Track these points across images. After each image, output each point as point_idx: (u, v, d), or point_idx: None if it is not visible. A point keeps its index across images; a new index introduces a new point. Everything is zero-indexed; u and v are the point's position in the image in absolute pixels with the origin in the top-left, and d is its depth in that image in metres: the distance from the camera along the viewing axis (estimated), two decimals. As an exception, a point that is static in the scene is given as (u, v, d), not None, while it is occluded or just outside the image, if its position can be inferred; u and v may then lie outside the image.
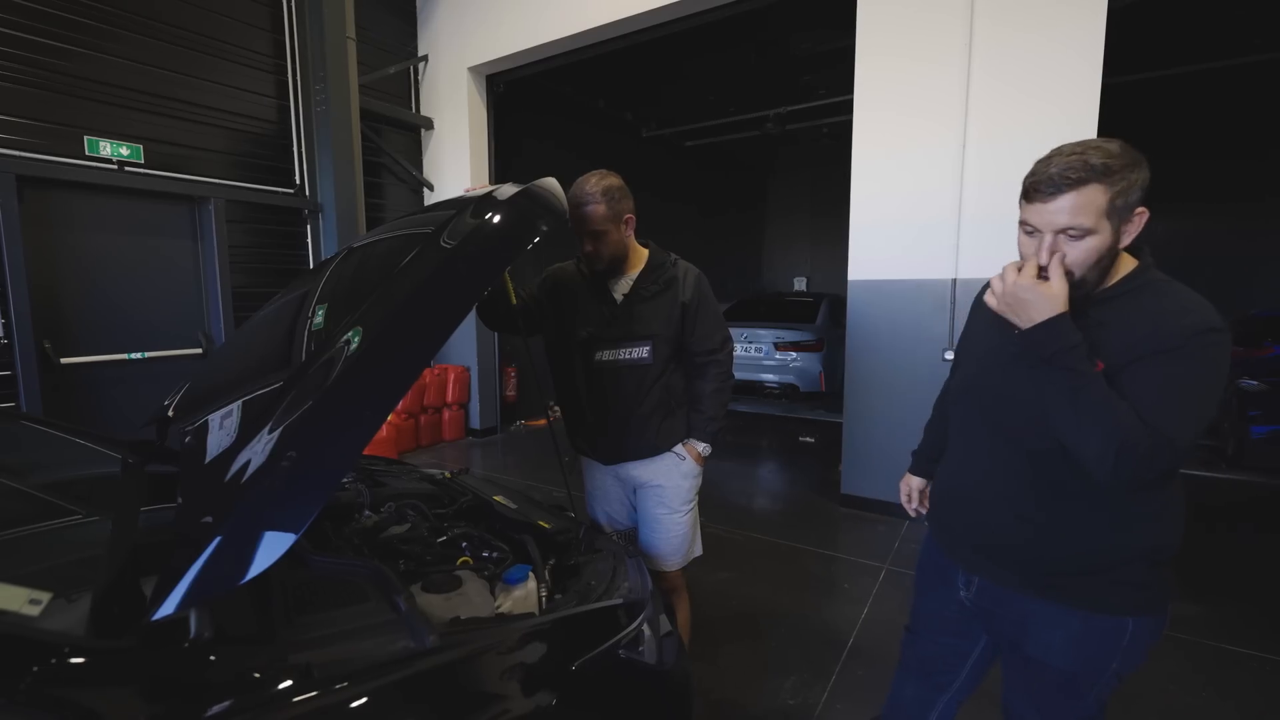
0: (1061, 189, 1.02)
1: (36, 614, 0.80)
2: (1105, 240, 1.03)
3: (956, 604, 1.33)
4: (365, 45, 5.34)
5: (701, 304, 1.83)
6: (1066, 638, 1.17)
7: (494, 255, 1.34)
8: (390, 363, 1.13)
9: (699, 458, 1.90)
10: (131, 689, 0.77)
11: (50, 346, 3.83)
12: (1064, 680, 1.20)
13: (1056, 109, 3.24)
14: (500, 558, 1.53)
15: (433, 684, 0.97)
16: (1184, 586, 2.94)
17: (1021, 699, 1.29)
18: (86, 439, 1.73)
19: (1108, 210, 1.01)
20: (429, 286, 1.24)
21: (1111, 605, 1.13)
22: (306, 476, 0.93)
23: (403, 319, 1.19)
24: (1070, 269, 1.04)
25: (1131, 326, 1.04)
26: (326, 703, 0.84)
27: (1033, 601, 1.18)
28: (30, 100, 3.67)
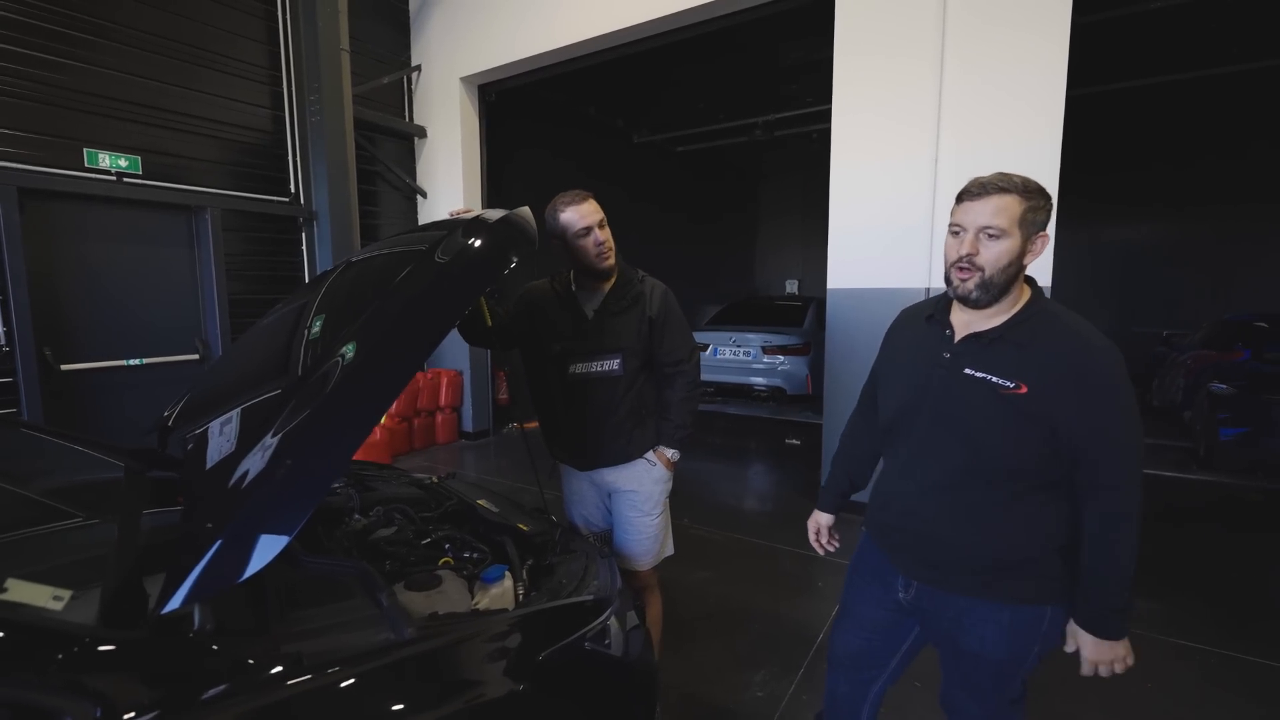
0: (989, 192, 1.19)
1: (60, 609, 0.91)
2: (1015, 246, 1.18)
3: (892, 604, 1.44)
4: (359, 56, 5.45)
5: (668, 318, 1.95)
6: (998, 630, 1.29)
7: (482, 272, 1.47)
8: (382, 373, 1.25)
9: (669, 463, 2.01)
10: (142, 674, 0.89)
11: (50, 353, 3.93)
12: (997, 669, 1.32)
13: (1024, 121, 3.37)
14: (480, 558, 1.64)
15: (410, 671, 1.08)
16: (1146, 585, 3.07)
17: (960, 691, 1.41)
18: (88, 446, 1.83)
19: (1020, 219, 1.17)
20: (422, 300, 1.36)
21: (1034, 597, 1.27)
22: (300, 483, 1.04)
23: (397, 331, 1.30)
24: (983, 266, 1.19)
25: (1051, 354, 1.18)
26: (314, 686, 0.96)
27: (968, 600, 1.31)
28: (31, 114, 3.77)
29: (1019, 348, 1.20)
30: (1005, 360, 1.21)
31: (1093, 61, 6.33)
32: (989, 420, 1.22)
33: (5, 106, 3.68)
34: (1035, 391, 1.17)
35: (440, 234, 1.57)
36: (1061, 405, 1.15)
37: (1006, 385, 1.19)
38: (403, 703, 1.04)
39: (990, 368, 1.22)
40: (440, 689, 1.12)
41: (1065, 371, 1.16)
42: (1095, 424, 1.15)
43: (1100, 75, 6.82)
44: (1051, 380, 1.16)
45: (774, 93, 7.32)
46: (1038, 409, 1.17)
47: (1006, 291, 1.22)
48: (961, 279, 1.22)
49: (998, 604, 1.28)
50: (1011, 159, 3.39)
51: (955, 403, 1.27)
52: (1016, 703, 1.36)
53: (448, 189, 6.08)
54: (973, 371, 1.24)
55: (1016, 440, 1.20)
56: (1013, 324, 1.23)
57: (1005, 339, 1.22)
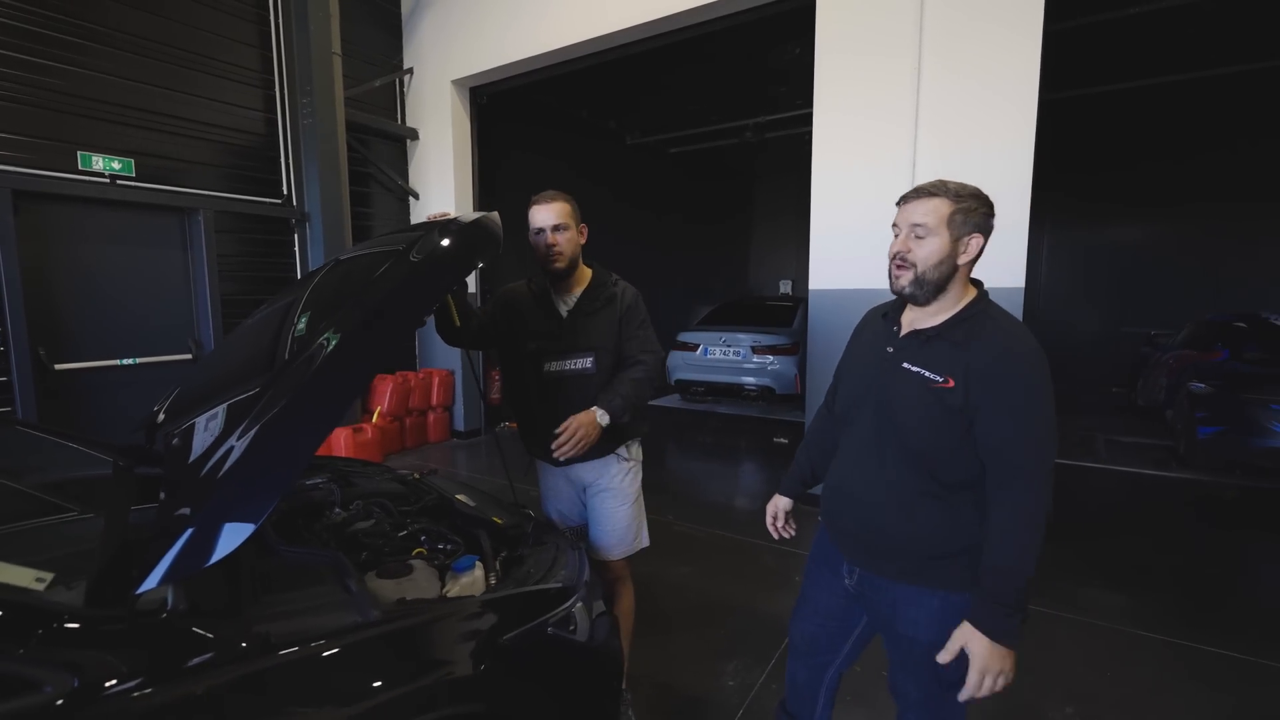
0: (921, 195, 1.29)
1: (42, 589, 0.98)
2: (943, 245, 1.26)
3: (842, 590, 1.52)
4: (351, 59, 5.51)
5: (638, 319, 2.02)
6: (929, 615, 1.36)
7: (450, 270, 1.58)
8: (347, 369, 1.31)
9: (593, 423, 1.82)
10: (117, 650, 0.95)
11: (45, 353, 3.99)
12: (928, 652, 1.39)
13: (999, 122, 3.44)
14: (453, 549, 1.71)
15: (375, 651, 1.15)
16: (1113, 578, 3.15)
17: (900, 673, 1.49)
18: (80, 443, 1.90)
19: (948, 220, 1.26)
20: (393, 296, 1.44)
21: (961, 584, 1.33)
22: (267, 475, 1.11)
23: (367, 326, 1.38)
24: (915, 263, 1.28)
25: (978, 353, 1.25)
26: (280, 662, 1.03)
27: (903, 587, 1.38)
28: (25, 117, 3.83)
29: (953, 345, 1.28)
30: (939, 356, 1.28)
31: (1083, 64, 6.43)
32: (919, 413, 1.29)
33: (1, 110, 3.74)
34: (959, 386, 1.24)
35: (417, 234, 1.65)
36: (980, 401, 1.22)
37: (936, 380, 1.26)
38: (367, 679, 1.11)
39: (925, 363, 1.30)
40: (404, 668, 1.18)
41: (988, 370, 1.23)
42: (1007, 422, 1.21)
43: (1090, 77, 6.91)
44: (975, 377, 1.23)
45: (763, 95, 7.40)
46: (959, 403, 1.23)
47: (942, 290, 1.30)
48: (897, 275, 1.31)
49: (928, 590, 1.35)
50: (987, 159, 3.47)
51: (893, 395, 1.34)
52: (951, 684, 1.43)
53: (440, 190, 6.14)
54: (909, 366, 1.32)
55: (940, 432, 1.27)
56: (951, 323, 1.30)
57: (942, 337, 1.29)
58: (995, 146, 3.46)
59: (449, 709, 1.19)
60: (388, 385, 5.69)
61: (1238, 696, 2.24)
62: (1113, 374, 8.51)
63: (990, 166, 3.46)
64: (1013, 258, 3.45)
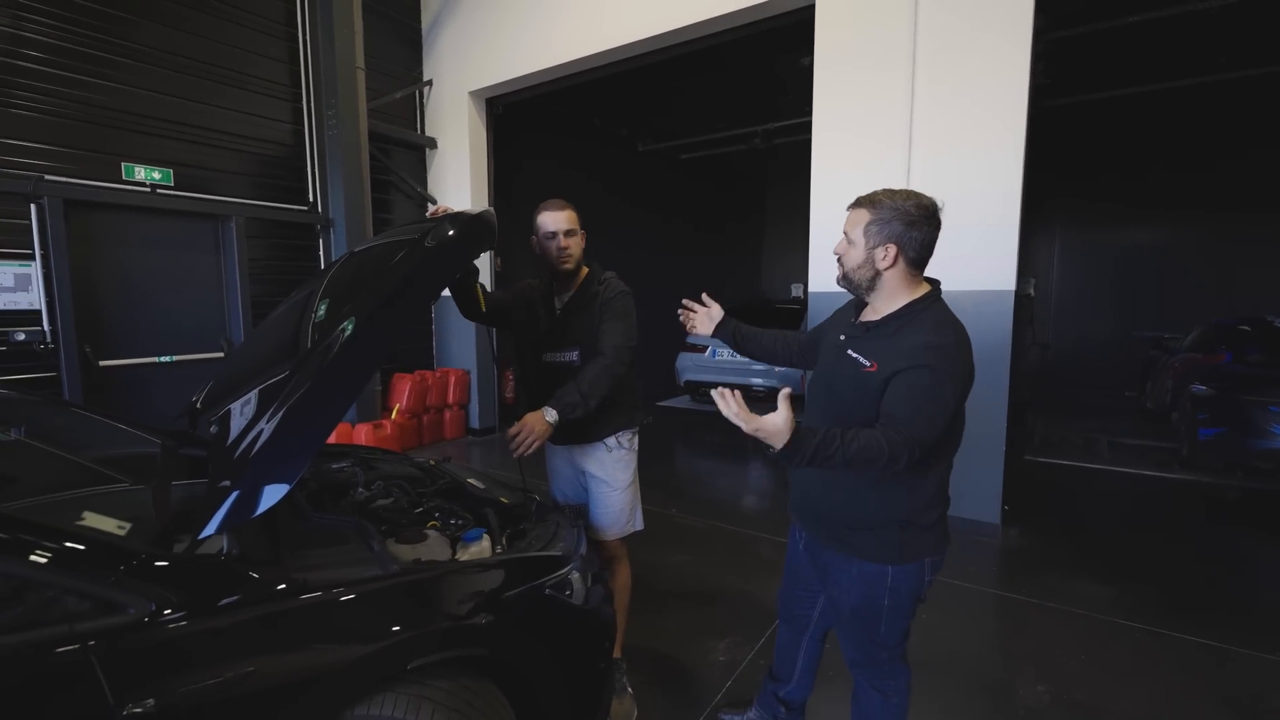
0: (853, 205, 1.48)
1: (123, 534, 1.18)
2: (860, 253, 1.44)
3: (802, 563, 1.70)
4: (374, 72, 5.78)
5: (610, 315, 2.14)
6: (849, 580, 1.55)
7: (464, 251, 1.81)
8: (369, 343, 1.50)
9: (541, 420, 1.92)
10: (183, 582, 1.15)
11: (90, 350, 4.28)
12: (854, 613, 1.58)
13: (988, 131, 3.57)
14: (463, 523, 1.90)
15: (392, 597, 1.34)
16: (1098, 571, 3.25)
17: (839, 634, 1.67)
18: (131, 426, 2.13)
19: (864, 230, 1.43)
20: (416, 273, 1.63)
21: (876, 556, 1.51)
22: (298, 444, 1.31)
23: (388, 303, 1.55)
24: (843, 265, 1.49)
25: (900, 345, 1.40)
26: (313, 602, 1.22)
27: (830, 552, 1.58)
28: (75, 132, 4.13)
29: (887, 336, 1.45)
30: (873, 346, 1.46)
31: (1094, 68, 6.49)
32: (851, 393, 1.47)
33: (54, 126, 4.05)
34: (880, 370, 1.40)
35: (429, 226, 1.85)
36: (891, 376, 1.37)
37: (865, 364, 1.44)
38: (386, 621, 1.30)
39: (861, 350, 1.47)
40: (418, 614, 1.37)
41: (904, 354, 1.38)
42: (901, 388, 1.35)
43: (1102, 82, 6.95)
44: (891, 360, 1.38)
45: (772, 103, 7.55)
46: (874, 383, 1.39)
47: (871, 289, 1.47)
48: (838, 277, 1.52)
49: (851, 558, 1.53)
50: (977, 165, 3.60)
51: (836, 377, 1.53)
52: (889, 649, 1.58)
53: (457, 197, 6.39)
54: (850, 353, 1.50)
55: (863, 412, 1.42)
56: (891, 318, 1.47)
57: (881, 329, 1.47)
58: (984, 154, 3.59)
59: (456, 651, 1.38)
60: (406, 383, 5.94)
61: (1206, 679, 2.34)
62: (1127, 378, 8.49)
63: (979, 172, 3.59)
64: (1002, 261, 3.57)
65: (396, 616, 1.33)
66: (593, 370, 2.03)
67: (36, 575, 1.02)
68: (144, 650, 1.05)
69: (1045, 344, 9.69)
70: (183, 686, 1.05)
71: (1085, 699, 2.23)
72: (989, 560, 3.43)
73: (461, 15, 6.09)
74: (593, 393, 2.00)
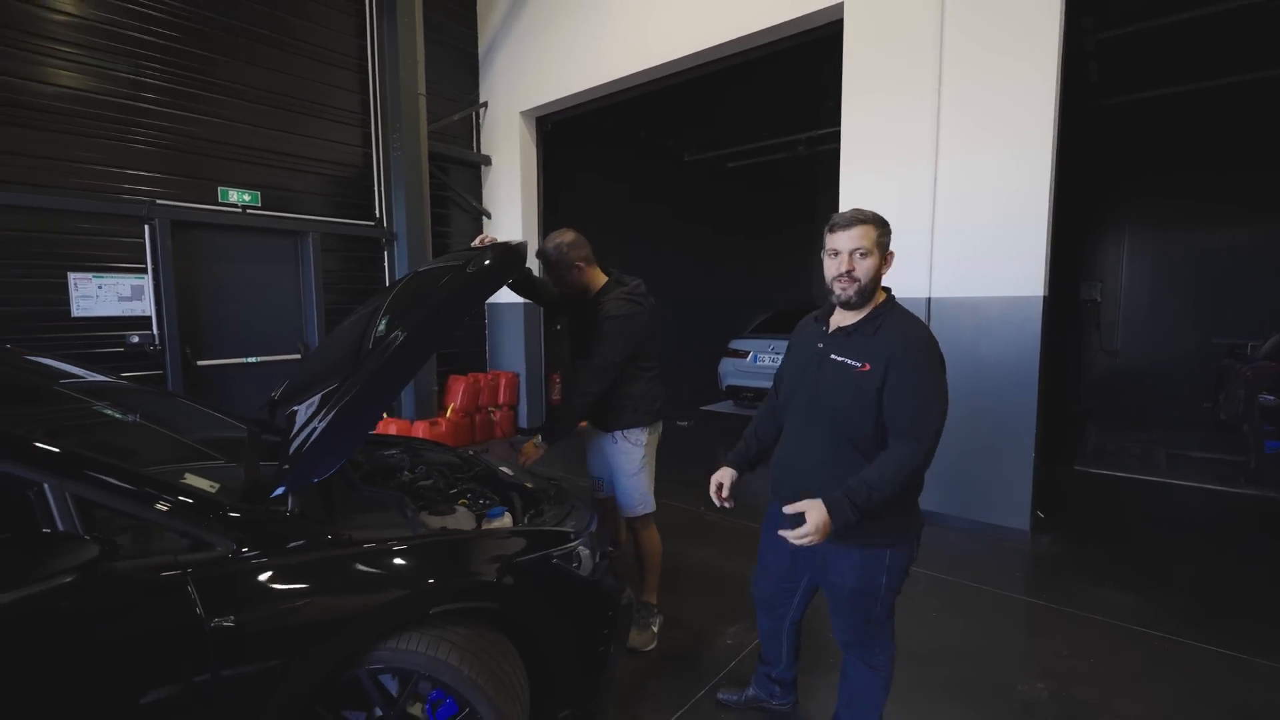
0: (854, 224, 1.63)
1: (214, 491, 1.51)
2: (877, 261, 1.62)
3: (788, 553, 1.82)
4: (434, 97, 6.27)
5: (598, 337, 2.42)
6: (850, 566, 1.69)
7: (496, 278, 2.09)
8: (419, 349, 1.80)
9: (534, 449, 2.47)
10: (258, 530, 1.46)
11: (189, 352, 4.89)
12: (853, 595, 1.71)
13: (1017, 135, 3.58)
14: (488, 502, 2.18)
15: (420, 553, 1.62)
16: (1128, 580, 3.20)
17: (836, 618, 1.81)
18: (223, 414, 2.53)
19: (877, 242, 1.61)
20: (456, 295, 1.96)
21: (876, 541, 1.65)
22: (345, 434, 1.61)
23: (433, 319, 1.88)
24: (860, 277, 1.61)
25: (889, 342, 1.59)
26: (359, 552, 1.51)
27: (829, 543, 1.67)
28: (179, 161, 4.75)
29: (867, 338, 1.63)
30: (857, 347, 1.63)
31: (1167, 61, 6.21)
32: (843, 394, 1.63)
33: (164, 157, 4.67)
34: (873, 369, 1.58)
35: (472, 254, 2.15)
36: (890, 378, 1.56)
37: (856, 365, 1.61)
38: (410, 572, 1.57)
39: (847, 353, 1.65)
40: (440, 568, 1.64)
41: (890, 353, 1.56)
42: (903, 387, 1.54)
43: (1175, 75, 6.62)
44: (882, 360, 1.57)
45: (815, 110, 7.60)
46: (871, 382, 1.57)
47: (873, 295, 1.65)
48: (843, 288, 1.63)
49: (851, 546, 1.66)
50: (1004, 172, 3.61)
51: (824, 383, 1.69)
52: (878, 623, 1.73)
53: (509, 210, 6.81)
54: (836, 357, 1.66)
55: (860, 409, 1.60)
56: (866, 320, 1.65)
57: (860, 331, 1.65)
58: (1012, 157, 3.60)
59: (470, 602, 1.64)
60: (460, 385, 6.37)
61: (1217, 686, 2.32)
62: (1204, 388, 7.97)
63: (1007, 176, 3.61)
64: (1030, 267, 3.57)
65: (419, 569, 1.60)
66: (569, 396, 2.45)
67: (151, 517, 1.34)
68: (226, 578, 1.35)
69: (1113, 351, 9.22)
70: (254, 610, 1.35)
71: (1085, 697, 2.27)
72: (1012, 565, 3.43)
73: (513, 39, 6.51)
74: (571, 415, 2.42)
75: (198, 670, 1.28)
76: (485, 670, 1.57)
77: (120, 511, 1.32)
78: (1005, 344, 3.68)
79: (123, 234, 4.53)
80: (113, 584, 1.25)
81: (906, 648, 2.59)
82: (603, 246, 2.62)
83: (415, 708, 1.61)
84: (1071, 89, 5.83)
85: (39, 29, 4.16)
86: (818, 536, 1.49)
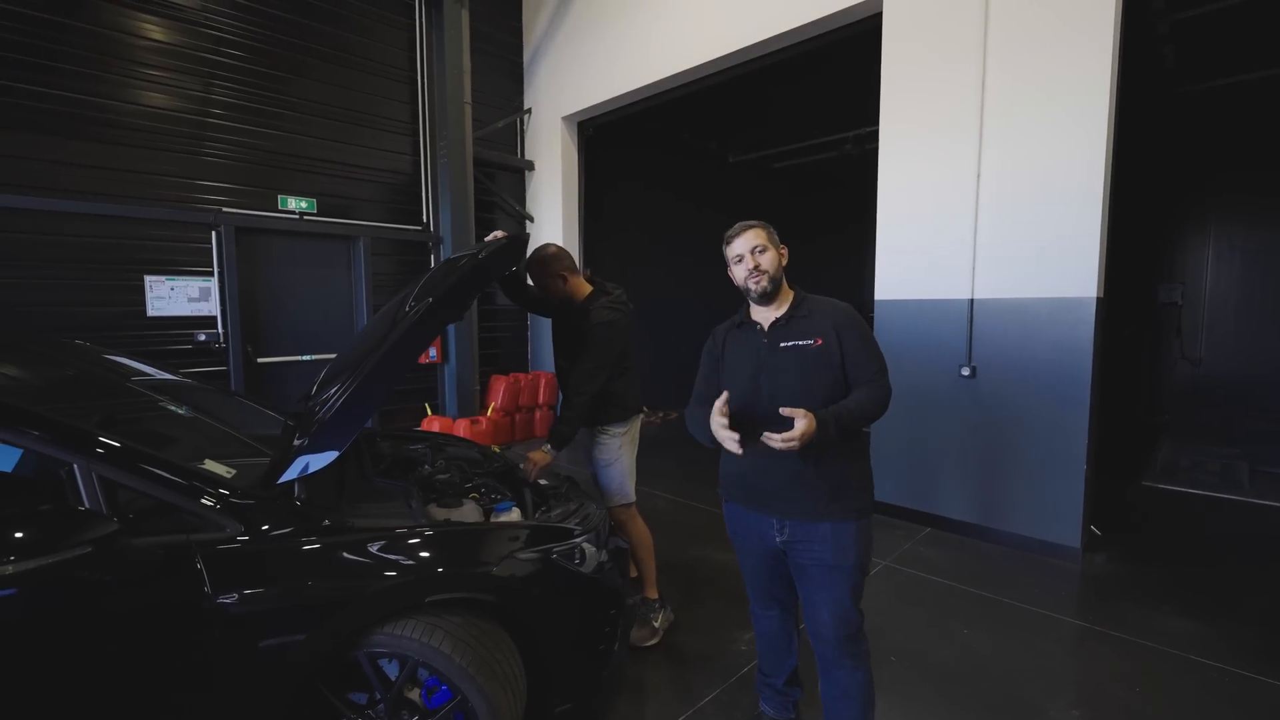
0: (745, 230, 1.83)
1: (229, 476, 1.61)
2: (775, 254, 1.81)
3: (766, 550, 1.85)
4: (480, 105, 6.47)
5: (594, 332, 2.51)
6: (849, 539, 1.73)
7: (501, 262, 2.19)
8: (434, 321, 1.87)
9: (543, 456, 2.48)
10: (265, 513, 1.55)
11: (251, 349, 5.22)
12: (845, 570, 1.74)
13: (1067, 129, 3.36)
14: (499, 497, 2.23)
15: (419, 543, 1.67)
16: (1190, 606, 2.95)
17: (822, 610, 1.77)
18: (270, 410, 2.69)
19: (769, 239, 1.81)
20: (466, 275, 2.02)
21: (861, 509, 1.75)
22: (344, 419, 1.68)
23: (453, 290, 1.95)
24: (767, 269, 1.76)
25: (824, 318, 1.77)
26: (358, 539, 1.58)
27: (826, 524, 1.73)
28: (243, 172, 5.09)
29: (804, 319, 1.77)
30: (800, 329, 1.75)
31: (1251, 45, 5.72)
32: (804, 370, 1.72)
33: (229, 168, 5.02)
34: (826, 342, 1.72)
35: (487, 245, 2.24)
36: (840, 342, 1.74)
37: (810, 343, 1.73)
38: (407, 560, 1.63)
39: (795, 336, 1.75)
40: (438, 559, 1.68)
41: (833, 323, 1.76)
42: (856, 344, 1.74)
43: (1269, 58, 6.07)
44: (830, 331, 1.74)
45: (861, 108, 7.38)
46: (828, 352, 1.73)
47: (781, 286, 1.81)
48: (756, 281, 1.77)
49: (845, 520, 1.72)
50: (1054, 168, 3.40)
51: (781, 371, 1.75)
52: (854, 606, 1.78)
53: (551, 214, 6.93)
54: (785, 343, 1.76)
55: (822, 376, 1.71)
56: (794, 307, 1.80)
57: (795, 317, 1.78)
58: (1063, 153, 3.39)
59: (466, 592, 1.68)
60: (501, 384, 6.53)
61: (1282, 727, 2.11)
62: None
63: (1056, 173, 3.40)
64: (1085, 268, 3.35)
65: (414, 558, 1.65)
66: (568, 399, 2.55)
67: (162, 496, 1.44)
68: (233, 558, 1.44)
69: (1195, 359, 8.51)
70: (255, 588, 1.43)
71: (1124, 728, 2.10)
72: (1057, 583, 3.22)
73: (556, 46, 6.64)
74: (575, 417, 2.52)
75: (202, 642, 1.37)
76: (478, 660, 1.61)
77: (134, 490, 1.42)
78: (1055, 348, 3.46)
79: (192, 240, 4.89)
80: (129, 557, 1.36)
81: (927, 663, 2.49)
82: (644, 250, 2.68)
83: (413, 693, 1.66)
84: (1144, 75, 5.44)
85: (128, 54, 4.56)
86: (800, 443, 1.55)
